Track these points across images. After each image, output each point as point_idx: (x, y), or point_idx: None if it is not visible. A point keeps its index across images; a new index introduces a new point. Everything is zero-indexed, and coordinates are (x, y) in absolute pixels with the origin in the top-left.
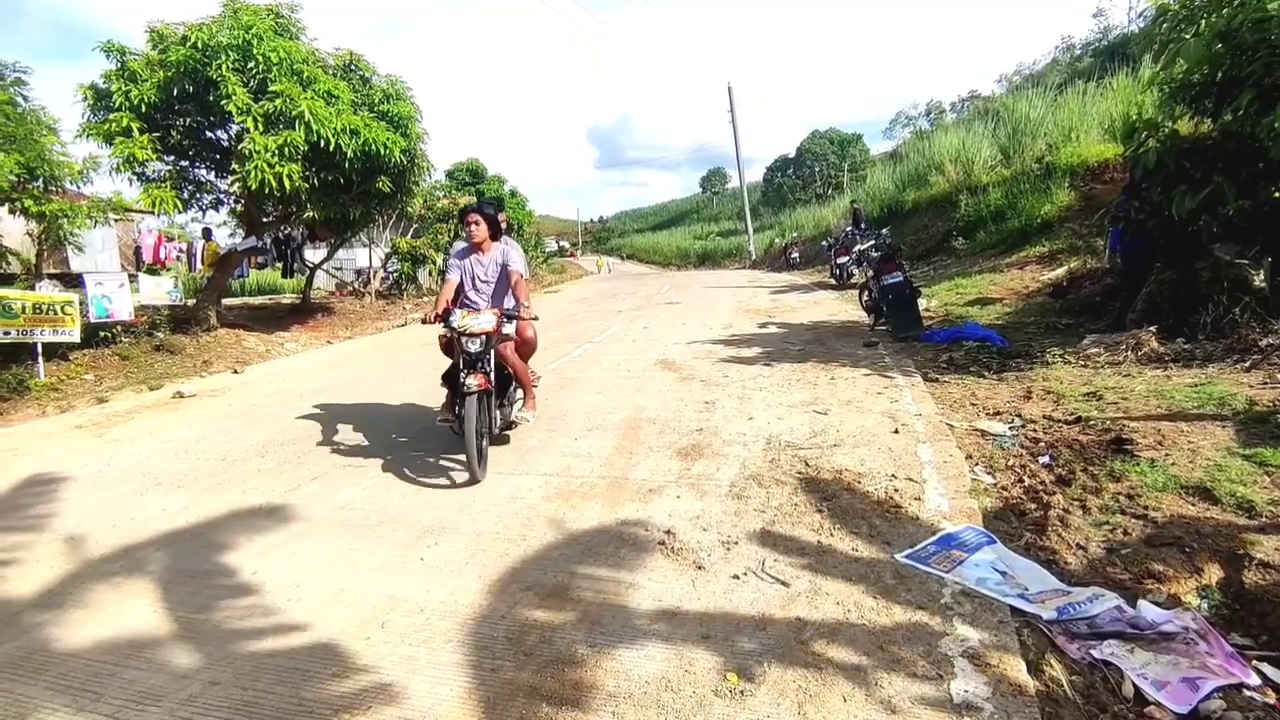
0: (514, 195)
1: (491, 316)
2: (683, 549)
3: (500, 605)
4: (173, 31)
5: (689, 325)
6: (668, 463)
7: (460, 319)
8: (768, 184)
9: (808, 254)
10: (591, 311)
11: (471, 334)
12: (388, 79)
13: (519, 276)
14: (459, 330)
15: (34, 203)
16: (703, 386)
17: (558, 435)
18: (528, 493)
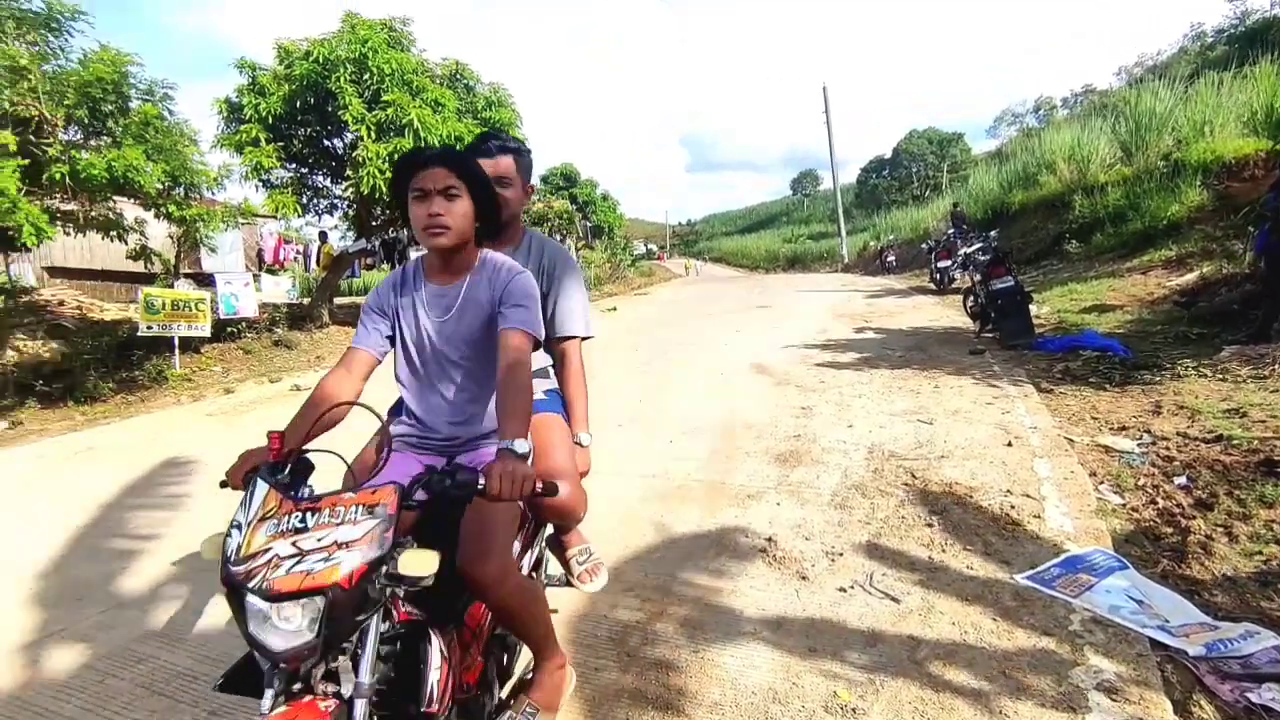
0: (605, 199)
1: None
2: (785, 558)
3: (602, 605)
4: (297, 47)
5: (782, 329)
6: (766, 468)
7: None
8: (861, 185)
9: (904, 257)
10: (682, 314)
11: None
12: (490, 86)
13: (573, 346)
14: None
15: (176, 208)
16: (799, 392)
17: (653, 438)
18: (625, 494)
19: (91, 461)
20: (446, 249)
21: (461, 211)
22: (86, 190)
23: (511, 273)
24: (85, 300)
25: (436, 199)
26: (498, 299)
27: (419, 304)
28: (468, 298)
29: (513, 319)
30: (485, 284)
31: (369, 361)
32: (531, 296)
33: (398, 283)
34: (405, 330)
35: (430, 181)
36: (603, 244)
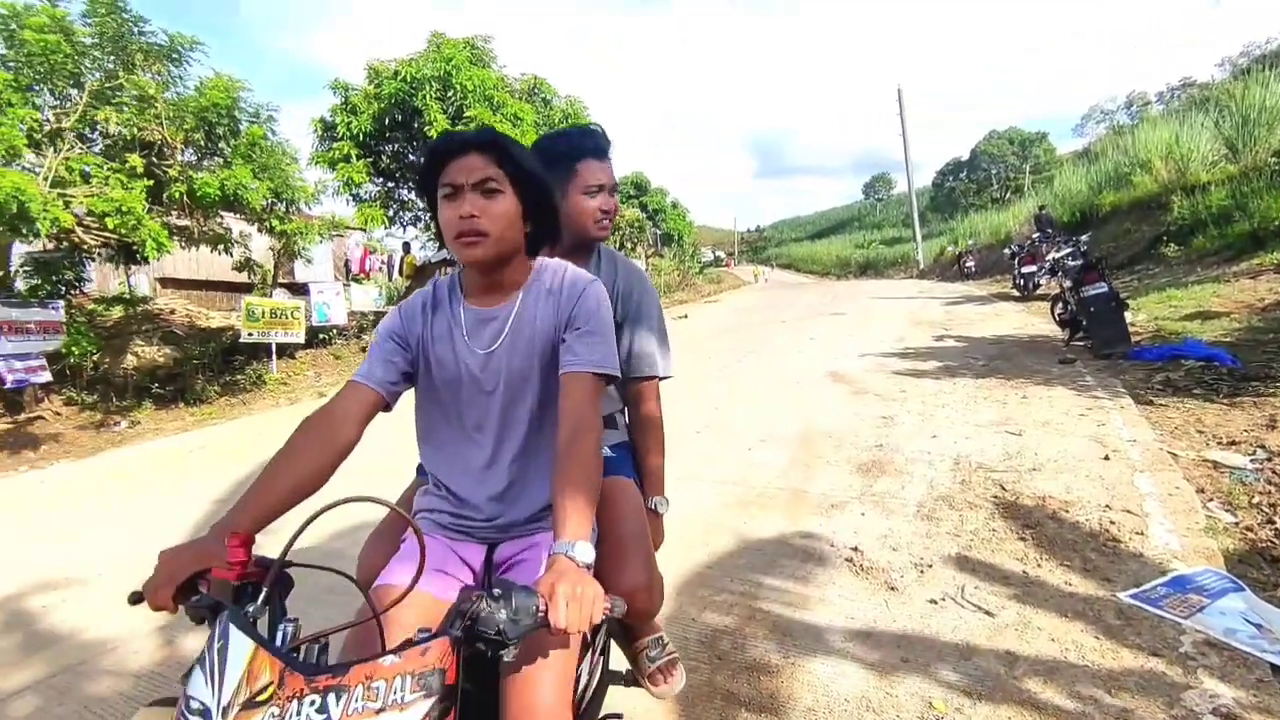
0: (675, 206)
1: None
2: (872, 568)
3: (691, 608)
4: (386, 68)
5: (857, 337)
6: (848, 478)
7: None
8: (937, 189)
9: (984, 262)
10: (754, 321)
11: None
12: (567, 99)
13: (651, 389)
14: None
15: (279, 222)
16: (878, 401)
17: (730, 445)
18: (707, 500)
19: (205, 459)
20: (484, 263)
21: (502, 211)
22: (201, 207)
23: (579, 285)
24: (193, 309)
25: (469, 196)
26: (563, 321)
27: (455, 331)
28: (520, 321)
29: (581, 355)
30: (544, 301)
31: (372, 402)
32: (606, 319)
33: (428, 302)
34: (434, 366)
35: (462, 173)
36: (672, 251)
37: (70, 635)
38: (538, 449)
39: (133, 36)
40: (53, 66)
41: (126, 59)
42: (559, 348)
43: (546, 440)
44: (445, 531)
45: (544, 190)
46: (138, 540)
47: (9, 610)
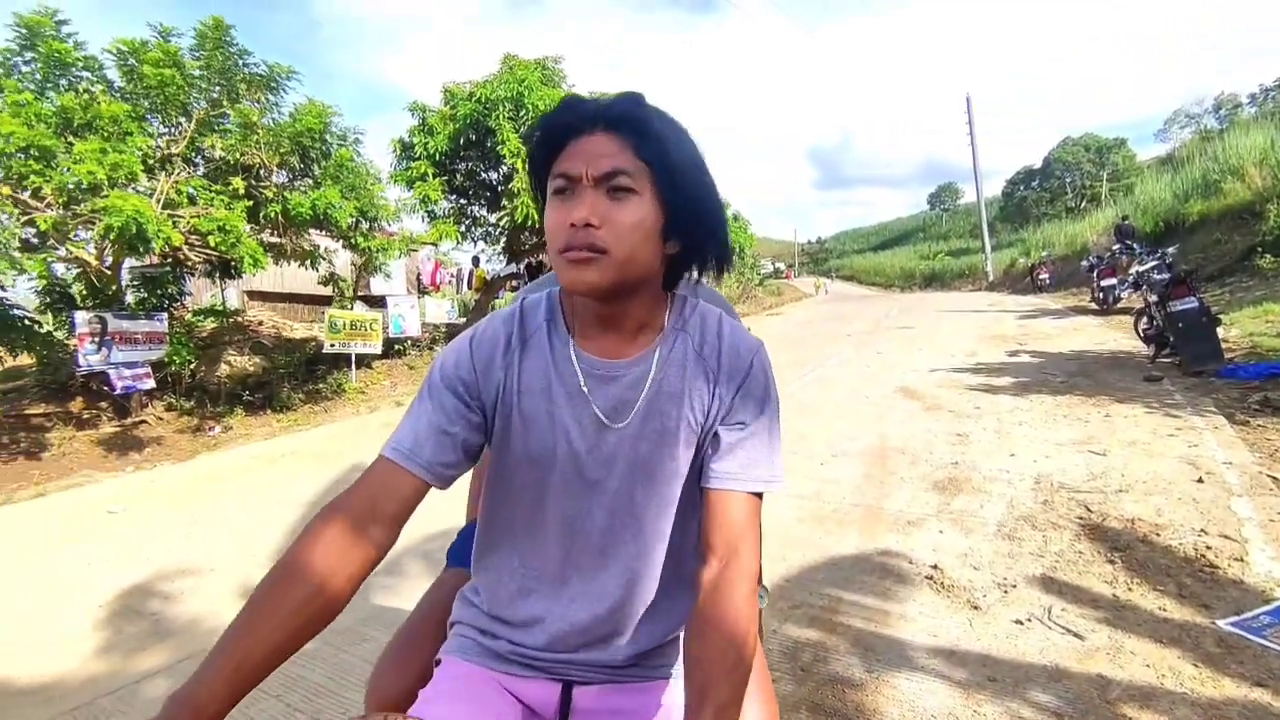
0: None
1: None
2: (953, 586)
3: (771, 620)
4: (461, 89)
5: (927, 351)
6: (924, 495)
7: None
8: (1007, 198)
9: (1059, 274)
10: (818, 335)
11: None
12: None
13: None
14: None
15: (363, 239)
16: (952, 417)
17: (802, 459)
18: (781, 513)
19: (295, 463)
20: (598, 292)
21: (634, 221)
22: (293, 226)
23: (743, 353)
24: (279, 320)
25: (589, 195)
26: (719, 406)
27: (556, 386)
28: (659, 390)
29: (741, 468)
30: (692, 364)
31: (410, 493)
32: (773, 406)
33: (513, 336)
34: (517, 433)
35: (582, 160)
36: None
37: (191, 625)
38: (658, 567)
39: (237, 68)
40: (166, 98)
41: (231, 89)
42: (705, 439)
43: (674, 560)
44: (501, 663)
45: (700, 193)
46: (243, 539)
47: (134, 600)
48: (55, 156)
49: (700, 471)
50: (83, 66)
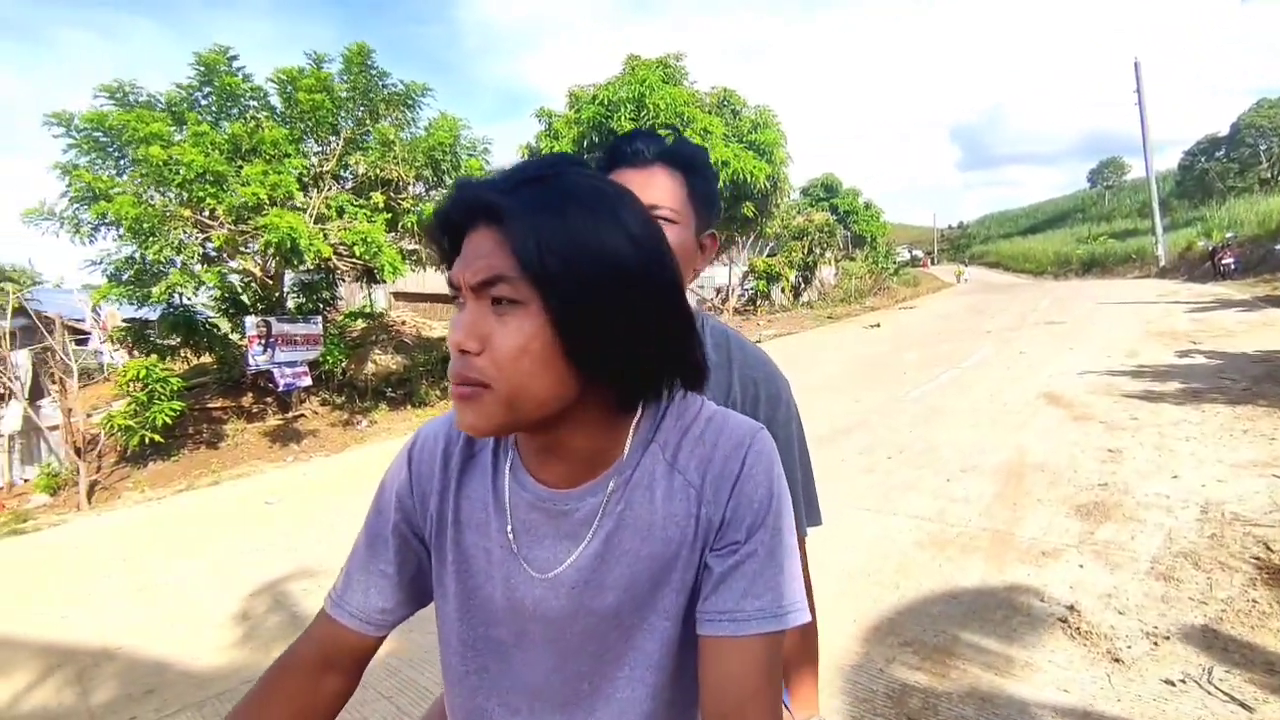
0: (869, 207)
1: None
2: (1092, 632)
3: (877, 657)
4: (585, 93)
5: (1079, 351)
6: (1063, 521)
7: None
8: (1185, 172)
9: (1248, 259)
10: (955, 330)
11: None
12: (756, 109)
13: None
14: None
15: None
16: (1104, 430)
17: (927, 473)
18: (897, 535)
19: None
20: (488, 434)
21: (516, 344)
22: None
23: (735, 452)
24: (419, 320)
25: (469, 308)
26: (706, 529)
27: (496, 522)
28: (621, 527)
29: (734, 594)
30: (670, 490)
31: (352, 650)
32: (784, 517)
33: (452, 445)
34: (454, 574)
35: (462, 262)
36: (864, 253)
37: None
38: None
39: (378, 88)
40: (317, 120)
41: (372, 108)
42: (695, 576)
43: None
44: None
45: (615, 301)
46: None
47: (278, 592)
48: (226, 180)
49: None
50: (250, 96)
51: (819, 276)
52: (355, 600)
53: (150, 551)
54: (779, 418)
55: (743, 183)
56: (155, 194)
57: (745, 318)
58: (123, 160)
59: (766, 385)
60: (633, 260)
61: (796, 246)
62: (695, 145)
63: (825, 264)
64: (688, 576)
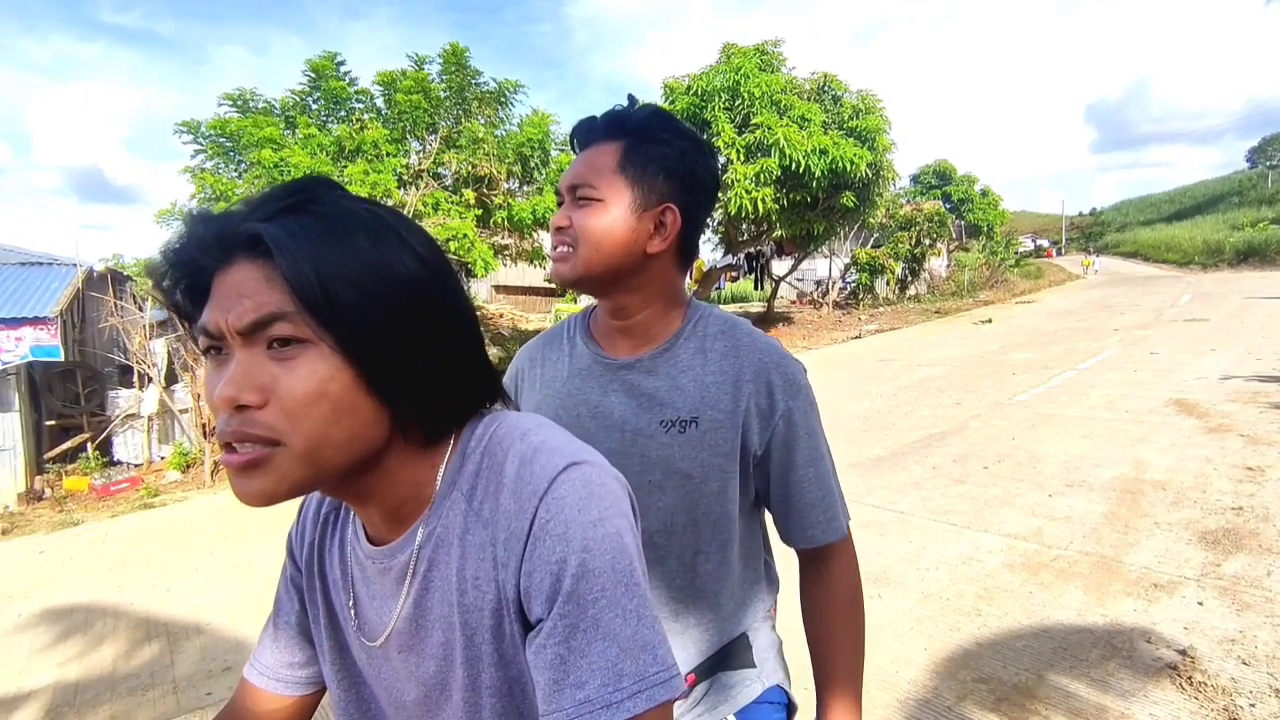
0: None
1: None
2: (1208, 685)
3: (947, 692)
4: (680, 84)
5: (1222, 353)
6: (1184, 549)
7: None
8: None
9: None
10: (1077, 328)
11: None
12: (859, 94)
13: (841, 555)
14: None
15: None
16: (1244, 444)
17: (1026, 487)
18: (986, 556)
19: None
20: (280, 501)
21: (312, 388)
22: (518, 229)
23: (525, 492)
24: (517, 312)
25: (238, 358)
26: (507, 592)
27: (343, 580)
28: (430, 584)
29: (544, 685)
30: (465, 533)
31: (277, 710)
32: (615, 569)
33: (321, 499)
34: (331, 637)
35: (220, 307)
36: (980, 244)
37: None
38: None
39: (472, 87)
40: (415, 120)
41: (466, 107)
42: (515, 657)
43: None
44: None
45: (408, 318)
46: None
47: None
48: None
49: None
50: (356, 99)
51: (928, 268)
52: (265, 658)
53: (247, 531)
54: (799, 405)
55: (842, 171)
56: None
57: (846, 312)
58: (242, 164)
59: (781, 370)
60: (424, 280)
61: (903, 237)
62: (650, 107)
63: (935, 255)
64: (503, 651)
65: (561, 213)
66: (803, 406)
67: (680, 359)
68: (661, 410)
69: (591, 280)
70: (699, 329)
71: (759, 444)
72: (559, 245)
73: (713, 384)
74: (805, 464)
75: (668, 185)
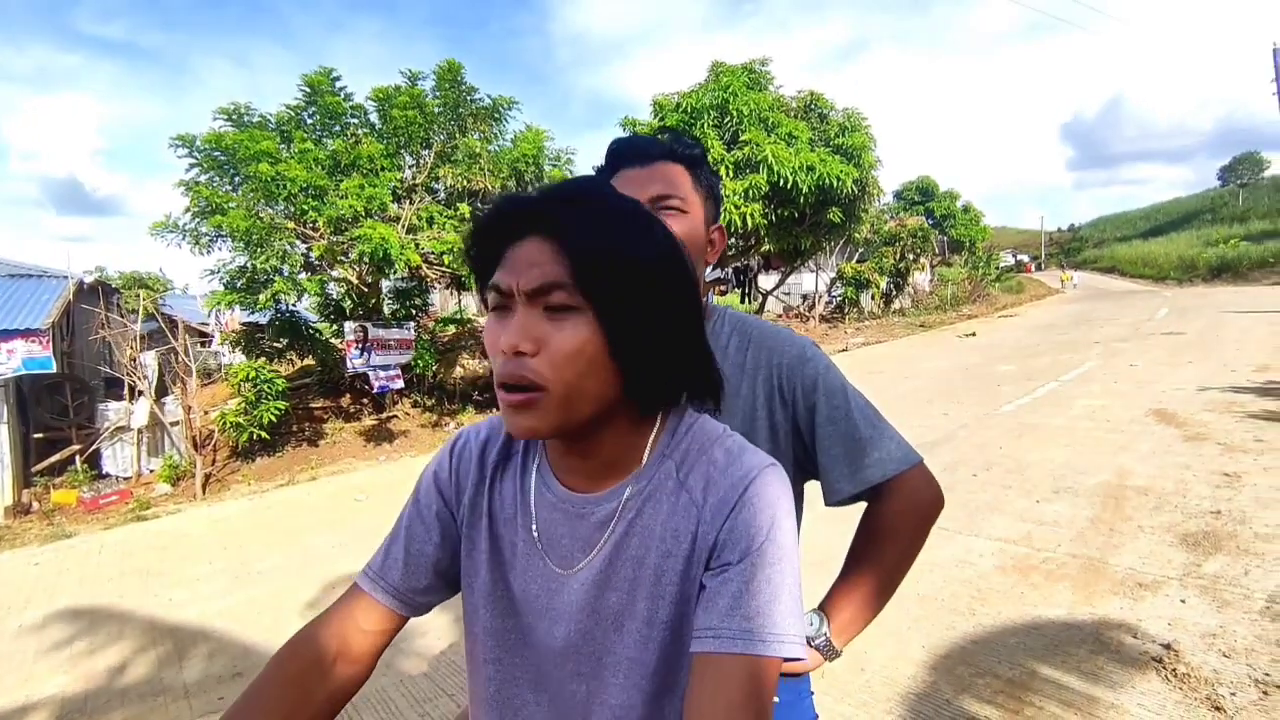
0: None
1: None
2: (1191, 676)
3: (946, 687)
4: (669, 101)
5: (1199, 364)
6: (1166, 550)
7: None
8: None
9: None
10: (1058, 341)
11: None
12: (844, 112)
13: (910, 483)
14: None
15: None
16: (1221, 451)
17: (1015, 494)
18: (978, 559)
19: None
20: (543, 436)
21: (573, 347)
22: None
23: (740, 480)
24: None
25: (520, 313)
26: (703, 549)
27: (522, 519)
28: (631, 533)
29: (719, 612)
30: (677, 504)
31: (383, 622)
32: (785, 544)
33: (491, 446)
34: (489, 569)
35: (512, 271)
36: (962, 259)
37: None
38: None
39: (466, 103)
40: (410, 135)
41: (461, 123)
42: (691, 593)
43: None
44: None
45: (656, 308)
46: None
47: None
48: (326, 193)
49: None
50: (351, 114)
51: (912, 283)
52: (394, 577)
53: (250, 541)
54: (809, 372)
55: (828, 187)
56: (264, 207)
57: (832, 325)
58: (237, 177)
59: (789, 350)
60: (667, 269)
61: (888, 252)
62: (693, 141)
63: (919, 270)
64: (684, 590)
65: None
66: (813, 374)
67: None
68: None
69: None
70: (715, 326)
71: (785, 419)
72: None
73: (731, 375)
74: (826, 422)
75: (714, 210)
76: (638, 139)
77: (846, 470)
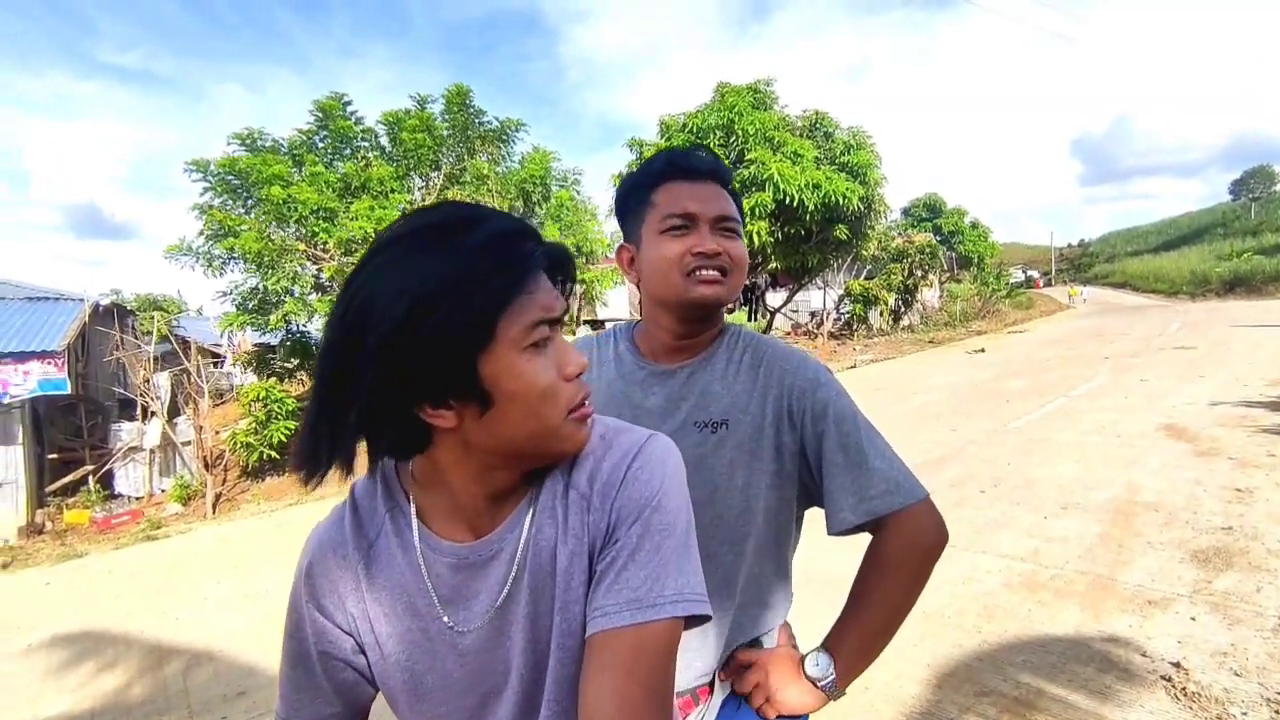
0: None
1: None
2: (1201, 695)
3: (950, 707)
4: (675, 121)
5: (1210, 379)
6: (1176, 567)
7: None
8: None
9: None
10: (1068, 356)
11: None
12: (850, 130)
13: (910, 521)
14: None
15: (579, 271)
16: (1233, 466)
17: (1023, 510)
18: (985, 576)
19: None
20: (727, 299)
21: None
22: None
23: (620, 465)
24: None
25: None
26: (602, 532)
27: (422, 599)
28: (540, 548)
29: (606, 586)
30: (567, 516)
31: None
32: (666, 502)
33: (347, 541)
34: (408, 668)
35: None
36: (971, 275)
37: None
38: None
39: (475, 125)
40: (420, 158)
41: (469, 145)
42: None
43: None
44: None
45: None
46: None
47: None
48: (337, 215)
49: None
50: (362, 137)
51: (920, 299)
52: (306, 714)
53: (257, 560)
54: (820, 399)
55: (835, 205)
56: (276, 230)
57: (841, 342)
58: (250, 200)
59: (801, 372)
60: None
61: (896, 269)
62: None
63: (927, 286)
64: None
65: (709, 239)
66: (824, 399)
67: (715, 369)
68: (695, 413)
69: (728, 302)
70: (730, 343)
71: (792, 441)
72: (707, 269)
73: (742, 391)
74: (835, 450)
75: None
76: (695, 153)
77: (852, 500)
